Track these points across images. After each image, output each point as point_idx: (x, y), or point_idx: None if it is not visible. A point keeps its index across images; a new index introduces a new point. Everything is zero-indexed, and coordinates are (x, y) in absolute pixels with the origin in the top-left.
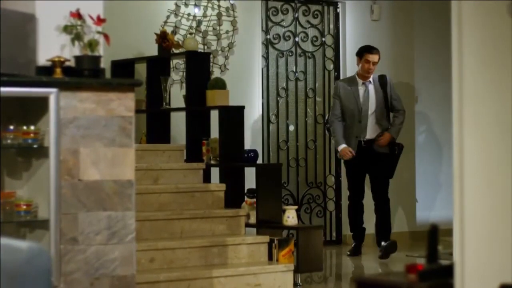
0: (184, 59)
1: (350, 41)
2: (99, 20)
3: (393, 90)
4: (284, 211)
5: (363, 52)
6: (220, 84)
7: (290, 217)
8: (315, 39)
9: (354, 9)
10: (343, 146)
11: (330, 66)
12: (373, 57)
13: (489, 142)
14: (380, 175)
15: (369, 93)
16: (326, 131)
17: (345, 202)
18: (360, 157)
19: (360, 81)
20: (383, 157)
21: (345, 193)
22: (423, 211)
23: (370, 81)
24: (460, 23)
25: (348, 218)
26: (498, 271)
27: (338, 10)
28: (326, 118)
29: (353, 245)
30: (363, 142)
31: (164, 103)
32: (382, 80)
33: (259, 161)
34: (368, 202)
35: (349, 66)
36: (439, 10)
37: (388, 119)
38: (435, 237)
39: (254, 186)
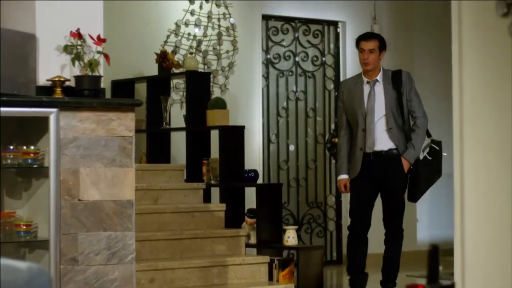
0: (184, 79)
1: (351, 61)
2: (100, 40)
3: (410, 89)
4: (284, 231)
5: (358, 41)
6: (220, 104)
7: (291, 237)
8: (315, 59)
9: (354, 28)
10: (341, 176)
11: (331, 86)
12: (367, 44)
13: (490, 161)
14: (397, 198)
15: (375, 93)
16: (327, 151)
17: (345, 222)
18: (368, 175)
19: (365, 80)
20: (400, 175)
21: (346, 212)
22: (423, 231)
23: (377, 80)
24: (461, 45)
25: (347, 256)
26: None
27: (338, 29)
28: (326, 137)
29: None
30: (371, 156)
31: (164, 123)
32: (395, 77)
33: (260, 181)
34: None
35: None
36: (439, 30)
37: (403, 126)
38: (436, 257)
39: (254, 206)
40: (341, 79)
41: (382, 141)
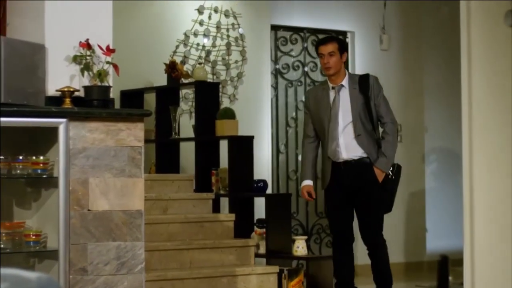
0: (193, 89)
1: (359, 71)
2: (109, 50)
3: (377, 93)
4: (293, 241)
5: (316, 47)
6: (230, 114)
7: (300, 247)
8: None
9: (363, 38)
10: (304, 182)
11: None
12: (326, 48)
13: (499, 172)
14: (370, 209)
15: (340, 99)
16: None
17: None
18: (340, 185)
19: (330, 85)
20: (373, 184)
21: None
22: (433, 241)
23: (342, 85)
24: (470, 54)
25: (333, 271)
26: None
27: (347, 39)
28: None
29: None
30: (341, 165)
31: (173, 133)
32: (362, 81)
33: (269, 191)
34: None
35: None
36: (448, 39)
37: (373, 133)
38: (446, 267)
39: (263, 216)
40: None
41: (351, 149)
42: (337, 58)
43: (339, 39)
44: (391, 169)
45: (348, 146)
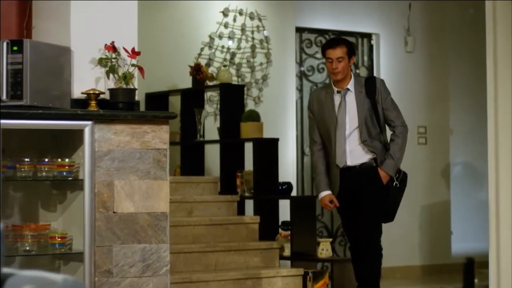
0: (218, 91)
1: (384, 73)
2: (134, 53)
3: (386, 97)
4: (318, 243)
5: (323, 49)
6: (254, 116)
7: (325, 249)
8: None
9: (388, 40)
10: (323, 193)
11: None
12: (334, 53)
13: None
14: (367, 207)
15: (346, 104)
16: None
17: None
18: (349, 193)
19: (335, 89)
20: (375, 184)
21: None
22: (458, 243)
23: (348, 88)
24: (495, 54)
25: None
26: None
27: (372, 42)
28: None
29: None
30: (346, 171)
31: (198, 135)
32: (369, 85)
33: (293, 193)
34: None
35: None
36: (474, 41)
37: (379, 137)
38: (471, 269)
39: (288, 219)
40: None
41: (357, 155)
42: (345, 63)
43: (347, 42)
44: (396, 175)
45: (353, 152)
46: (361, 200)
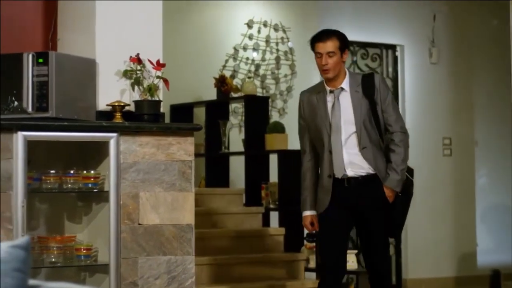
0: (243, 103)
1: (409, 84)
2: (159, 65)
3: (385, 97)
4: None
5: (312, 42)
6: (279, 128)
7: (350, 261)
8: None
9: (413, 52)
10: (306, 213)
11: None
12: (324, 46)
13: None
14: (376, 233)
15: (340, 105)
16: None
17: (405, 246)
18: (340, 205)
19: (327, 89)
20: (381, 203)
21: (405, 236)
22: (484, 255)
23: (342, 88)
24: None
25: None
26: None
27: (396, 53)
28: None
29: None
30: (345, 182)
31: (223, 147)
32: (366, 83)
33: None
34: None
35: (408, 109)
36: (498, 52)
37: (380, 143)
38: (497, 281)
39: None
40: (400, 103)
41: (356, 165)
42: (337, 58)
43: (340, 34)
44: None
45: (352, 161)
46: (364, 222)
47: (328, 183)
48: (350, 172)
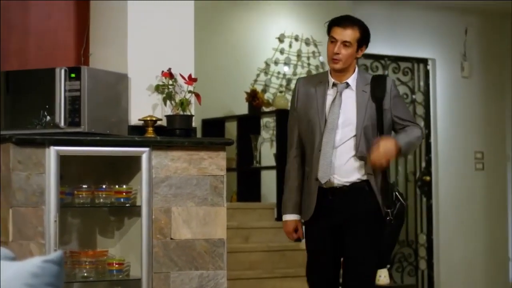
0: (274, 117)
1: (441, 98)
2: (191, 80)
3: (396, 103)
4: None
5: (330, 26)
6: None
7: (382, 276)
8: (405, 97)
9: (444, 66)
10: (288, 217)
11: (421, 124)
12: (342, 33)
13: None
14: (360, 254)
15: (341, 102)
16: (417, 189)
17: (437, 261)
18: (326, 221)
19: (331, 80)
20: (368, 216)
21: (437, 251)
22: None
23: (348, 83)
24: None
25: None
26: None
27: (428, 67)
28: (417, 175)
29: None
30: (329, 193)
31: (254, 162)
32: (377, 84)
33: None
34: None
35: (440, 123)
36: None
37: None
38: None
39: None
40: (432, 117)
41: (346, 172)
42: (352, 51)
43: (363, 26)
44: (391, 209)
45: (341, 168)
46: (349, 236)
47: (315, 187)
48: (336, 180)
